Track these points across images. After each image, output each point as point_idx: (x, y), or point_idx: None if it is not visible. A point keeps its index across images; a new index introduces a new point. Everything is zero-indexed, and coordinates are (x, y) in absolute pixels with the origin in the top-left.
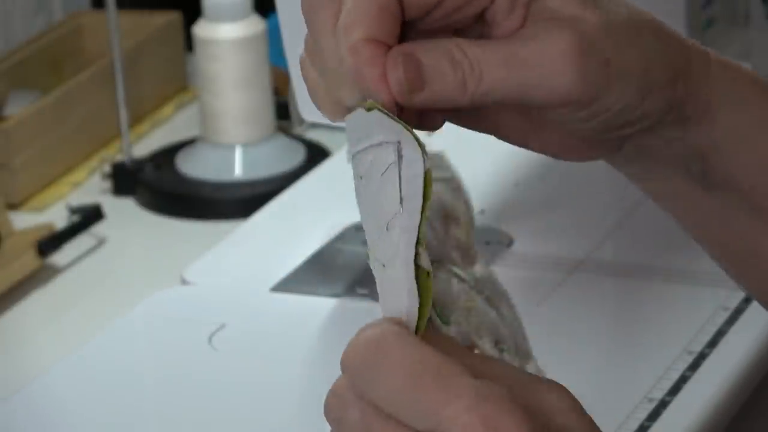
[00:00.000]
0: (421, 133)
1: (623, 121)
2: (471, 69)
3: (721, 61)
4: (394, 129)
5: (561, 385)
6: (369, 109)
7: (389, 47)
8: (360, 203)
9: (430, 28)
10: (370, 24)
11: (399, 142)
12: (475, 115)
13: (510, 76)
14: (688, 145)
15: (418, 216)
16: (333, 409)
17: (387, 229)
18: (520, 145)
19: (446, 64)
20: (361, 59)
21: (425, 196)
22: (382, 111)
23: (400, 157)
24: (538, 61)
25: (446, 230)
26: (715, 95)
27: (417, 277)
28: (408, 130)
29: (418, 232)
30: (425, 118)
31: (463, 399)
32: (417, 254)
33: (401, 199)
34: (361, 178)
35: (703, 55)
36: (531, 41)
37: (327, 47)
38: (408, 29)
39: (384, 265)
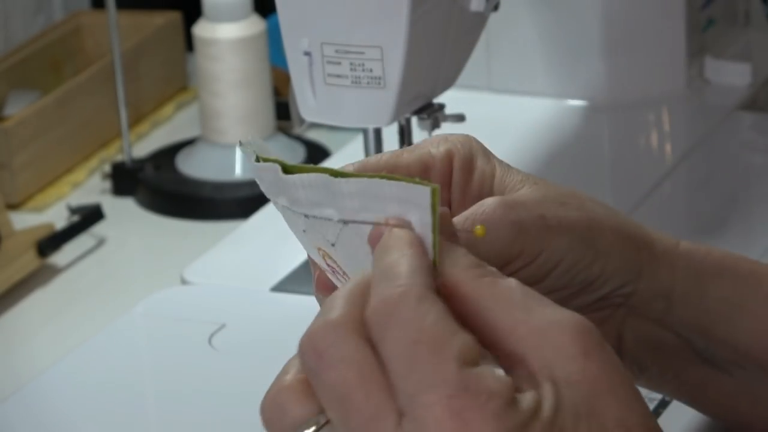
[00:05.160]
0: None
1: (584, 280)
2: None
3: (687, 243)
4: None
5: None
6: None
7: None
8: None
9: None
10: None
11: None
12: None
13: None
14: (684, 322)
15: None
16: (321, 340)
17: None
18: None
19: None
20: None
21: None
22: None
23: None
24: (478, 216)
25: None
26: (691, 270)
27: None
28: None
29: None
30: None
31: (445, 388)
32: None
33: None
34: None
35: (669, 240)
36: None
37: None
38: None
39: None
